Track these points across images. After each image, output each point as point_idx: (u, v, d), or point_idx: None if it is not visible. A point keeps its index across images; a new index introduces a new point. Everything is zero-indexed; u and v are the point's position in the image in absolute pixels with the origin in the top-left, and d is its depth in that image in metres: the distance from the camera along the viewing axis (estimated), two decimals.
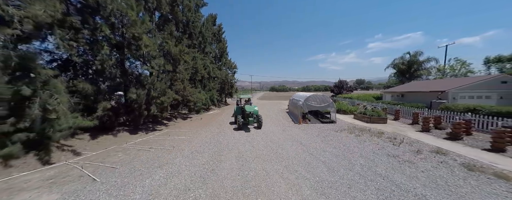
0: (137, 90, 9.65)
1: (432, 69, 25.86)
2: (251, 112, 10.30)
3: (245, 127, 10.40)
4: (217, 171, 4.99)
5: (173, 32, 12.80)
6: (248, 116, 10.29)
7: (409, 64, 26.62)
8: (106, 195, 3.93)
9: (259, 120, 10.09)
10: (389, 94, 19.74)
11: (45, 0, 6.15)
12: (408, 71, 26.64)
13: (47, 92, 6.13)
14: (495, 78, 12.89)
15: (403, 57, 27.40)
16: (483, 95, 12.87)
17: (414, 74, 26.70)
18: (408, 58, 26.89)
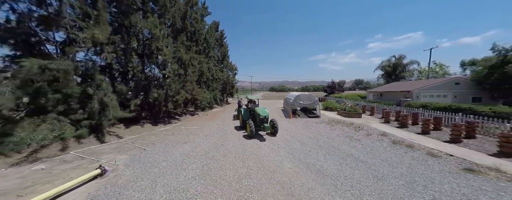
0: (158, 90, 12.06)
1: (414, 71, 28.43)
2: (265, 117, 8.31)
3: (257, 134, 8.53)
4: (225, 144, 7.38)
5: (184, 41, 15.22)
6: (263, 121, 8.29)
7: (394, 67, 29.18)
8: (157, 155, 6.32)
9: (275, 126, 8.32)
10: (372, 93, 22.25)
11: (100, 25, 8.58)
12: (394, 72, 29.18)
13: (102, 92, 8.55)
14: (450, 80, 15.29)
15: (390, 60, 30.00)
16: (441, 94, 15.28)
17: (399, 76, 29.23)
18: (394, 61, 29.48)
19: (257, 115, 8.69)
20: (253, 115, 9.31)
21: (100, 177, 4.69)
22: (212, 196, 3.78)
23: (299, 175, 4.61)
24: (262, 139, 8.01)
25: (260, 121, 8.43)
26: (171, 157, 6.10)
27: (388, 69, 29.30)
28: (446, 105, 10.35)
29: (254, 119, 8.96)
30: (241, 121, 10.06)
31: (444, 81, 15.31)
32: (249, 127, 8.13)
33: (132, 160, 5.91)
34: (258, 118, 8.56)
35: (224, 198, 3.68)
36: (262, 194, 3.81)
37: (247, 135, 8.69)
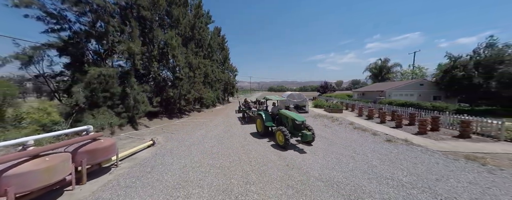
0: (173, 90, 14.61)
1: (397, 72, 31.35)
2: (303, 122, 6.68)
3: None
4: (230, 131, 9.97)
5: (193, 48, 17.79)
6: (299, 128, 6.60)
7: (380, 69, 32.15)
8: (183, 136, 8.88)
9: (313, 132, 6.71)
10: (356, 93, 25.15)
11: (134, 40, 11.12)
12: (380, 74, 32.11)
13: (135, 91, 11.10)
14: (416, 81, 18.08)
15: (376, 62, 33.00)
16: (409, 93, 18.05)
17: (384, 77, 32.15)
18: (379, 64, 32.42)
19: (289, 120, 6.86)
20: (278, 120, 7.68)
21: (152, 146, 7.24)
22: (227, 152, 6.35)
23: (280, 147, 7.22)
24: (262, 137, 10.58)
25: (295, 128, 6.51)
26: (193, 137, 8.67)
27: (374, 71, 32.32)
28: (404, 102, 13.05)
29: (280, 125, 7.32)
30: (262, 127, 7.99)
31: (411, 83, 18.10)
32: (282, 135, 6.15)
33: (167, 139, 8.47)
34: (291, 124, 6.75)
35: (235, 153, 6.26)
36: (258, 151, 6.40)
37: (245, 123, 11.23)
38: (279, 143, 6.59)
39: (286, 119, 7.27)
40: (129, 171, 4.99)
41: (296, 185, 4.07)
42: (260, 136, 8.26)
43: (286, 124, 7.20)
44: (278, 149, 6.49)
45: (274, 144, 7.04)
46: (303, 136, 6.34)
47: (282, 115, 7.59)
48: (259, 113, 8.53)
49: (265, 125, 7.89)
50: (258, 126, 8.75)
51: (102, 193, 3.95)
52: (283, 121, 7.49)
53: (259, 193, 3.78)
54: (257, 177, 4.48)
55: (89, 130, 4.90)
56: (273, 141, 7.26)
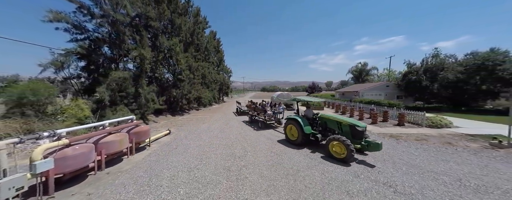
0: (176, 90, 16.43)
1: (374, 75, 35.36)
2: (365, 128, 5.73)
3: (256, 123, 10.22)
4: (229, 124, 12.11)
5: (192, 52, 19.64)
6: (360, 135, 5.59)
7: (360, 71, 36.01)
8: (190, 128, 10.89)
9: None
10: (338, 93, 28.41)
11: (145, 48, 12.90)
12: (360, 76, 35.94)
13: (146, 91, 12.88)
14: (383, 83, 21.49)
15: (357, 66, 36.86)
16: (377, 93, 21.36)
17: (364, 79, 36.04)
18: (360, 67, 36.28)
19: (343, 125, 5.80)
20: (323, 126, 6.43)
21: (169, 135, 9.21)
22: (229, 137, 8.52)
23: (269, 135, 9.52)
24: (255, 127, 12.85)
25: (354, 135, 5.50)
26: (200, 128, 10.73)
27: (355, 73, 36.19)
28: (370, 100, 16.00)
29: (324, 131, 6.35)
30: (299, 135, 6.50)
31: (379, 84, 21.46)
32: (344, 146, 5.12)
33: (178, 130, 10.44)
34: (347, 130, 5.68)
35: (235, 137, 8.44)
36: (251, 136, 8.64)
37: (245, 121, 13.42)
38: (336, 155, 5.25)
39: (336, 124, 5.97)
40: (160, 148, 7.02)
41: (277, 152, 6.38)
42: (295, 145, 6.62)
43: (334, 131, 6.06)
44: (246, 123, 9.05)
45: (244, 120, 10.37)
46: (371, 145, 5.15)
47: (328, 120, 6.28)
48: (292, 118, 6.86)
49: (305, 132, 6.27)
50: (290, 133, 7.00)
51: (149, 158, 5.98)
52: (328, 127, 6.26)
53: (253, 156, 6.03)
54: (252, 149, 6.73)
55: (133, 119, 6.87)
56: (319, 151, 5.93)
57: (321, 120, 6.76)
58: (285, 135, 7.41)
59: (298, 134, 6.64)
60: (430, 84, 16.48)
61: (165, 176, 4.69)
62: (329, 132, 6.40)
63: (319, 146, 6.61)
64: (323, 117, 6.74)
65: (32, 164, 3.43)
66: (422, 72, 17.37)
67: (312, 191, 3.88)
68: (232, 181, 4.36)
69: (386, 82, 23.39)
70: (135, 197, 3.77)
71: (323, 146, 6.09)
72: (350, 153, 5.05)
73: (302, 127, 6.47)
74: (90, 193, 3.96)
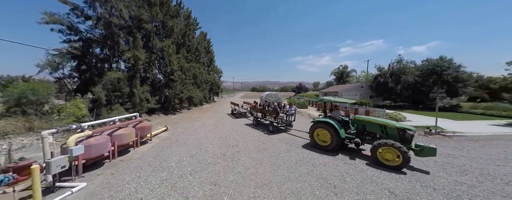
0: (168, 90, 17.00)
1: (353, 77, 38.97)
2: (414, 132, 5.33)
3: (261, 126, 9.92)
4: (222, 121, 13.21)
5: (184, 53, 20.22)
6: (408, 140, 5.14)
7: (341, 73, 39.37)
8: (185, 125, 11.79)
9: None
10: (321, 93, 30.95)
11: (139, 49, 13.41)
12: (341, 78, 39.29)
13: (140, 91, 13.42)
14: (358, 85, 24.32)
15: (339, 68, 40.26)
16: (353, 93, 24.16)
17: (345, 80, 39.48)
18: (341, 69, 39.67)
19: (390, 128, 5.32)
20: (360, 129, 5.89)
21: (166, 131, 10.06)
22: (223, 131, 9.66)
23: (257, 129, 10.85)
24: (241, 118, 14.08)
25: (403, 140, 5.09)
26: (194, 125, 11.67)
27: (337, 75, 39.50)
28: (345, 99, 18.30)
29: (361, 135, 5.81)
30: (333, 140, 5.95)
31: (355, 86, 24.24)
32: (399, 153, 4.69)
33: (174, 127, 11.27)
34: (393, 134, 5.23)
35: (228, 132, 9.60)
36: (242, 131, 9.88)
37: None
38: (387, 163, 4.77)
39: (378, 128, 5.44)
40: (162, 142, 7.93)
41: (264, 142, 7.73)
42: (326, 152, 5.98)
43: (375, 135, 5.55)
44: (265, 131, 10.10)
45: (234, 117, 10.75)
46: (424, 150, 4.74)
47: (367, 122, 5.74)
48: (321, 121, 6.26)
49: (340, 137, 5.73)
50: (319, 138, 6.35)
51: (154, 149, 6.92)
52: (367, 131, 5.70)
53: (244, 144, 7.29)
54: (243, 140, 7.99)
55: (137, 116, 7.70)
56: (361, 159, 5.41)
57: (357, 123, 6.04)
58: (312, 140, 6.58)
59: (332, 138, 5.91)
60: (394, 85, 19.30)
61: (172, 160, 5.75)
62: (367, 136, 5.77)
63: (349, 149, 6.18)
64: (360, 120, 6.02)
65: (68, 149, 4.31)
66: (389, 75, 20.26)
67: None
68: (228, 162, 5.58)
69: (361, 83, 26.43)
70: (152, 173, 4.82)
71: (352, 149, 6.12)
72: (406, 161, 4.53)
73: (338, 131, 5.73)
74: (113, 173, 4.91)
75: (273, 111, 10.07)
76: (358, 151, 6.31)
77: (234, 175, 4.71)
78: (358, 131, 6.00)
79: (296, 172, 4.81)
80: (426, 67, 17.67)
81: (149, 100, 13.79)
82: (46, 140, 4.13)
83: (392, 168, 4.79)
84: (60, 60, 10.46)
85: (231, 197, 3.73)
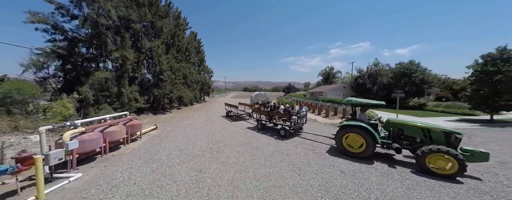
0: (158, 90, 17.16)
1: (338, 78, 41.41)
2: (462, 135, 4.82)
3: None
4: (211, 120, 13.75)
5: (174, 54, 20.38)
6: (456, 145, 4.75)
7: (327, 74, 41.59)
8: (175, 124, 12.20)
9: None
10: (308, 93, 32.62)
11: (127, 50, 13.53)
12: (328, 78, 41.50)
13: (128, 90, 13.55)
14: (341, 85, 26.26)
15: (325, 69, 42.46)
16: (337, 93, 26.02)
17: (331, 81, 41.77)
18: (327, 70, 41.90)
19: (434, 132, 4.97)
20: (397, 134, 5.47)
21: (156, 129, 10.45)
22: (211, 129, 10.27)
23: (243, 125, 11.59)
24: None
25: (451, 145, 4.70)
26: (184, 124, 12.12)
27: (324, 76, 41.66)
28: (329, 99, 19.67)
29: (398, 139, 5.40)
30: (368, 146, 5.43)
31: (338, 86, 26.16)
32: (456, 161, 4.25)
33: (164, 126, 11.65)
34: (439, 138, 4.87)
35: (217, 129, 10.23)
36: (230, 129, 10.56)
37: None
38: (438, 171, 4.39)
39: (419, 131, 5.07)
40: (151, 139, 8.38)
41: (248, 137, 8.50)
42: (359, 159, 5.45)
43: (415, 139, 5.16)
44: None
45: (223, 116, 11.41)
46: (476, 155, 4.42)
47: (406, 125, 5.32)
48: (352, 125, 5.72)
49: (377, 142, 5.32)
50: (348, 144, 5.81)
51: (144, 145, 7.39)
52: (405, 135, 5.30)
53: (230, 140, 8.00)
54: (229, 136, 8.69)
55: (127, 114, 8.08)
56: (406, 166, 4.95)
57: (392, 127, 5.49)
58: (341, 147, 5.92)
59: (367, 144, 5.33)
60: (372, 86, 21.20)
61: (162, 154, 6.31)
62: (405, 140, 5.32)
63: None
64: (396, 123, 5.55)
65: (64, 144, 4.74)
66: (367, 77, 22.18)
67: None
68: (214, 155, 6.27)
69: (344, 84, 28.43)
70: (144, 165, 5.37)
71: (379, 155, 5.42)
72: (463, 169, 4.14)
73: (374, 136, 5.24)
74: (106, 165, 5.38)
75: (286, 114, 8.77)
76: None
77: (218, 164, 5.41)
78: (395, 136, 5.42)
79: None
80: (398, 70, 19.73)
81: (138, 99, 13.95)
82: (43, 136, 4.54)
83: (444, 177, 4.27)
84: (45, 60, 10.37)
85: (213, 180, 4.45)
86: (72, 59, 11.87)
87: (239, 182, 4.33)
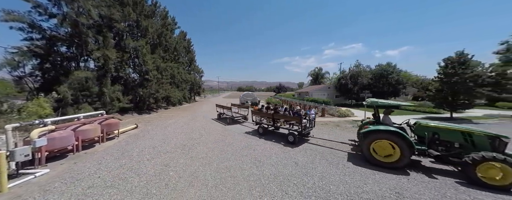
0: (143, 90, 17.14)
1: (327, 78, 42.87)
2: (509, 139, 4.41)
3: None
4: (195, 119, 13.98)
5: (160, 53, 20.36)
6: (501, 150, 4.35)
7: (316, 75, 42.89)
8: (157, 123, 12.35)
9: None
10: (296, 93, 33.54)
11: (110, 49, 13.50)
12: (317, 79, 42.80)
13: (111, 90, 13.52)
14: (326, 86, 27.29)
15: (314, 70, 43.78)
16: (322, 93, 27.08)
17: (320, 81, 43.12)
18: (316, 71, 43.23)
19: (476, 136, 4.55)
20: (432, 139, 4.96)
21: (136, 129, 10.58)
22: (191, 128, 10.55)
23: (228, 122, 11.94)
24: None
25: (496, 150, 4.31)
26: (166, 123, 12.30)
27: (313, 76, 42.96)
28: (313, 99, 20.45)
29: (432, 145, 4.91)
30: (403, 153, 4.76)
31: (323, 86, 27.25)
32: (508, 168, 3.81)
33: (145, 125, 11.77)
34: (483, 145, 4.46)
35: (196, 128, 10.51)
36: (210, 127, 10.87)
37: (208, 112, 15.47)
38: (491, 182, 3.95)
39: (459, 135, 4.67)
40: (129, 137, 8.56)
41: (225, 134, 8.87)
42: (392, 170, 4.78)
43: (453, 145, 4.72)
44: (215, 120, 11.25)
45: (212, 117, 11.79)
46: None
47: (441, 129, 4.89)
48: (381, 130, 5.08)
49: (414, 149, 4.74)
50: (378, 151, 5.10)
51: (119, 143, 7.58)
52: (441, 140, 4.84)
53: (207, 137, 8.34)
54: (207, 133, 9.02)
55: (103, 113, 8.22)
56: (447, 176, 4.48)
57: (426, 130, 4.99)
58: (367, 155, 5.17)
59: (402, 152, 4.69)
60: (353, 86, 22.25)
61: (134, 151, 6.55)
62: (440, 146, 4.84)
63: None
64: (429, 126, 5.04)
65: (32, 141, 4.91)
66: (349, 78, 23.27)
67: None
68: (186, 151, 6.59)
69: (328, 84, 29.60)
70: (113, 161, 5.62)
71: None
72: None
73: (411, 142, 4.67)
74: (76, 162, 5.58)
75: (296, 117, 7.68)
76: None
77: (186, 159, 5.76)
78: (430, 141, 4.90)
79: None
80: (377, 71, 20.92)
81: (121, 99, 13.93)
82: (10, 133, 4.70)
83: (498, 188, 3.84)
84: (21, 59, 10.22)
85: (176, 172, 4.80)
86: (51, 58, 11.73)
87: (200, 174, 4.71)
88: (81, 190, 3.95)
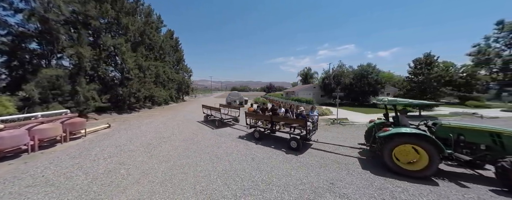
0: (122, 89, 16.71)
1: (315, 79, 43.80)
2: None
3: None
4: (174, 119, 13.82)
5: (142, 52, 19.92)
6: None
7: (306, 75, 43.72)
8: (133, 122, 12.10)
9: None
10: (284, 93, 34.03)
11: (84, 46, 13.07)
12: (306, 78, 43.58)
13: (85, 89, 13.09)
14: (312, 85, 27.97)
15: (304, 70, 44.58)
16: (307, 93, 27.68)
17: (309, 81, 43.96)
18: (305, 71, 44.06)
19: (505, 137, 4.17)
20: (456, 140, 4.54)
21: (108, 128, 10.32)
22: (167, 127, 10.42)
23: None
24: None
25: None
26: (143, 123, 12.07)
27: (303, 76, 43.74)
28: (297, 98, 20.80)
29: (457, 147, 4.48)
30: (436, 160, 4.21)
31: (309, 86, 27.95)
32: None
33: (119, 124, 11.50)
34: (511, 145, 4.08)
35: (171, 127, 10.40)
36: (187, 125, 10.80)
37: (191, 111, 15.32)
38: None
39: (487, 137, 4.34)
40: (96, 137, 8.34)
41: (200, 130, 8.85)
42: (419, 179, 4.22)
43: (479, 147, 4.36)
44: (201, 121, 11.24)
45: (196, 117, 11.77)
46: None
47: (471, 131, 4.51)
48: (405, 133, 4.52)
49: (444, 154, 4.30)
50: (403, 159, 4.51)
51: (83, 143, 7.36)
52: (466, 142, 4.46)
53: (179, 135, 8.29)
54: (179, 132, 8.97)
55: (67, 112, 7.96)
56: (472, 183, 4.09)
57: (451, 131, 4.59)
58: (389, 162, 4.57)
59: (431, 158, 4.20)
60: (336, 86, 22.86)
61: (95, 150, 6.41)
62: (465, 148, 4.46)
63: None
64: (454, 127, 4.64)
65: None
66: (332, 78, 23.91)
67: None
68: (149, 149, 6.53)
69: (314, 84, 30.29)
70: (67, 160, 5.47)
71: None
72: None
73: (442, 147, 4.21)
74: (27, 162, 5.39)
75: (300, 120, 6.65)
76: None
77: (145, 157, 5.71)
78: (455, 143, 4.47)
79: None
80: (358, 72, 21.66)
81: (96, 98, 13.51)
82: None
83: None
84: None
85: (128, 170, 4.75)
86: (18, 55, 11.19)
87: (151, 171, 4.69)
88: (17, 189, 3.83)
